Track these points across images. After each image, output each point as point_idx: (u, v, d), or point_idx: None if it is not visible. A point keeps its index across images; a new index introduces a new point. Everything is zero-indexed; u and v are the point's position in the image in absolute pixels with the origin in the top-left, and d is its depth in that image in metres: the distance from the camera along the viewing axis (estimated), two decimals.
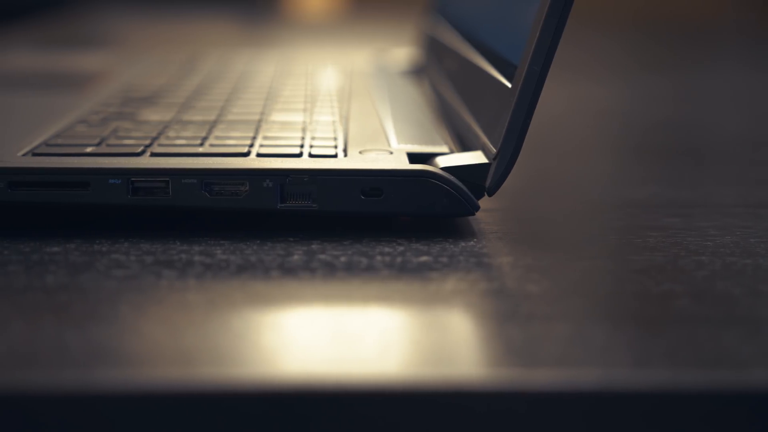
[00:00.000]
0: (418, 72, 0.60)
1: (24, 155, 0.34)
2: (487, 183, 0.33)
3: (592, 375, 0.23)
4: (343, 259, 0.31)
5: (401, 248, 0.32)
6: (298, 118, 0.42)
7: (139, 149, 0.35)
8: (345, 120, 0.42)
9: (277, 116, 0.42)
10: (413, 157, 0.35)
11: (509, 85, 0.34)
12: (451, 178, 0.33)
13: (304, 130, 0.39)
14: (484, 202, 0.34)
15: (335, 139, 0.38)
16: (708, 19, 1.47)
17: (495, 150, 0.33)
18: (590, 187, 0.43)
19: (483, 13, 0.48)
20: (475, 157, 0.34)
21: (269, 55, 0.67)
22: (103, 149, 0.35)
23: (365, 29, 1.23)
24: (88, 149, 0.35)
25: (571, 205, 0.40)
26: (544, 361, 0.24)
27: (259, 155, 0.34)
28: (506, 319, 0.26)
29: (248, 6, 1.50)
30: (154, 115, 0.42)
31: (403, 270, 0.30)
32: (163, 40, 1.04)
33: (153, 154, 0.34)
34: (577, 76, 0.78)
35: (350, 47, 0.91)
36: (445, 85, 0.49)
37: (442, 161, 0.34)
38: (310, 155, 0.35)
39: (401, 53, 0.66)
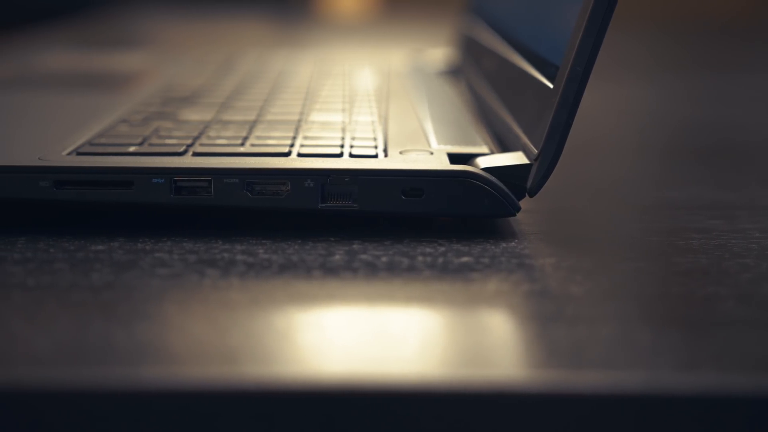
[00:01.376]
0: (454, 72, 0.60)
1: (68, 154, 0.34)
2: (529, 184, 0.33)
3: (638, 378, 0.23)
4: (384, 259, 0.31)
5: (442, 249, 0.32)
6: (337, 118, 0.42)
7: (182, 149, 0.35)
8: (384, 120, 0.42)
9: (316, 116, 0.43)
10: (453, 158, 0.35)
11: (551, 85, 0.34)
12: (492, 178, 0.33)
13: (343, 130, 0.39)
14: (523, 203, 0.34)
15: (375, 139, 0.38)
16: (739, 18, 1.46)
17: (536, 151, 0.33)
18: (630, 188, 0.43)
19: (522, 13, 0.48)
20: (516, 158, 0.34)
21: (305, 55, 0.67)
22: (145, 149, 0.35)
23: (398, 30, 1.23)
24: (131, 149, 0.35)
25: (611, 206, 0.39)
26: (590, 363, 0.23)
27: (300, 155, 0.35)
28: (550, 320, 0.26)
29: (281, 6, 1.50)
30: (194, 115, 0.42)
31: (445, 270, 0.30)
32: (198, 40, 1.05)
33: (195, 154, 0.35)
34: (611, 75, 0.78)
35: (385, 48, 0.91)
36: (483, 85, 0.49)
37: (483, 162, 0.34)
38: (351, 155, 0.35)
39: (437, 53, 0.66)
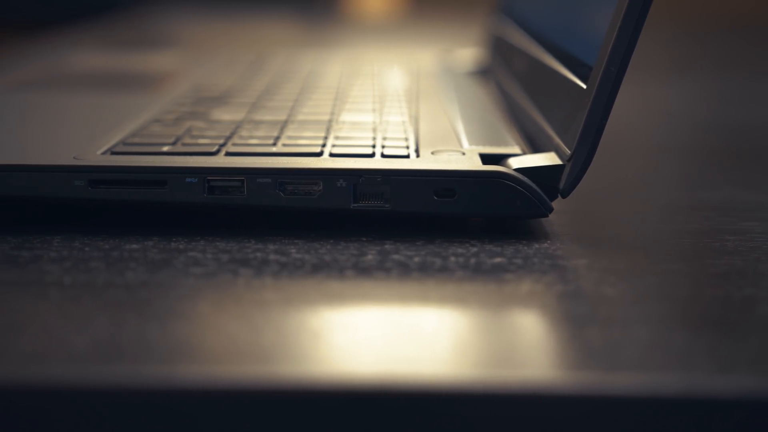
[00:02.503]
0: (483, 72, 0.60)
1: (103, 154, 0.35)
2: (561, 185, 0.33)
3: (674, 380, 0.22)
4: (416, 259, 0.31)
5: (474, 249, 0.32)
6: (368, 118, 0.42)
7: (214, 148, 0.35)
8: (414, 120, 0.42)
9: (347, 116, 0.43)
10: (485, 158, 0.35)
11: (584, 86, 0.34)
12: (525, 179, 0.33)
13: (374, 130, 0.39)
14: (555, 204, 0.34)
15: (406, 139, 0.38)
16: (763, 16, 1.44)
17: (569, 151, 0.33)
18: (663, 189, 0.42)
19: (553, 13, 0.48)
20: (549, 159, 0.34)
21: (334, 55, 0.67)
22: (178, 148, 0.35)
23: (424, 30, 1.23)
24: (165, 148, 0.35)
25: (643, 207, 0.39)
26: (625, 365, 0.23)
27: (332, 155, 0.35)
28: (584, 322, 0.26)
29: (307, 6, 1.51)
30: (225, 115, 0.43)
31: (478, 271, 0.30)
32: (225, 40, 1.05)
33: (228, 154, 0.35)
34: (644, 75, 0.77)
35: (412, 48, 0.91)
36: (513, 85, 0.48)
37: (515, 162, 0.34)
38: (383, 155, 0.35)
39: (466, 54, 0.65)
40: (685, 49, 1.04)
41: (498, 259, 0.31)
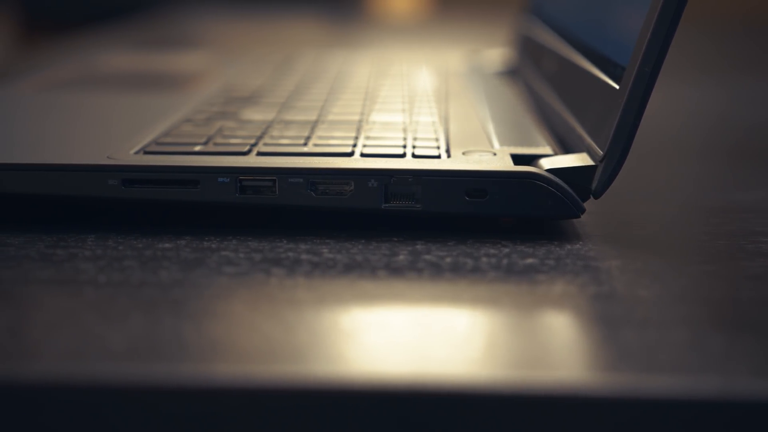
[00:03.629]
0: (512, 73, 0.60)
1: (136, 153, 0.35)
2: (594, 185, 0.33)
3: (712, 383, 0.22)
4: (448, 259, 0.31)
5: (506, 250, 0.32)
6: (397, 118, 0.42)
7: (246, 148, 0.35)
8: (444, 120, 0.42)
9: (377, 116, 0.43)
10: (516, 159, 0.35)
11: (616, 86, 0.33)
12: (557, 180, 0.33)
13: (404, 130, 0.39)
14: (585, 204, 0.34)
15: (437, 140, 0.38)
16: None
17: (602, 152, 0.33)
18: (694, 190, 0.42)
19: (584, 13, 0.48)
20: (581, 159, 0.34)
21: (362, 55, 0.67)
22: (210, 148, 0.36)
23: (450, 30, 1.22)
24: (197, 148, 0.36)
25: (675, 208, 0.39)
26: (662, 367, 0.23)
27: (363, 155, 0.35)
28: (619, 324, 0.26)
29: (332, 6, 1.51)
30: (256, 115, 0.43)
31: (510, 272, 0.30)
32: (252, 40, 1.06)
33: (259, 153, 0.35)
34: (672, 75, 0.77)
35: (439, 48, 0.91)
36: (542, 85, 0.48)
37: (547, 163, 0.34)
38: (414, 156, 0.35)
39: (494, 54, 0.65)
40: (703, 49, 1.03)
41: (530, 260, 0.31)
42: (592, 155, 0.34)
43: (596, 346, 0.25)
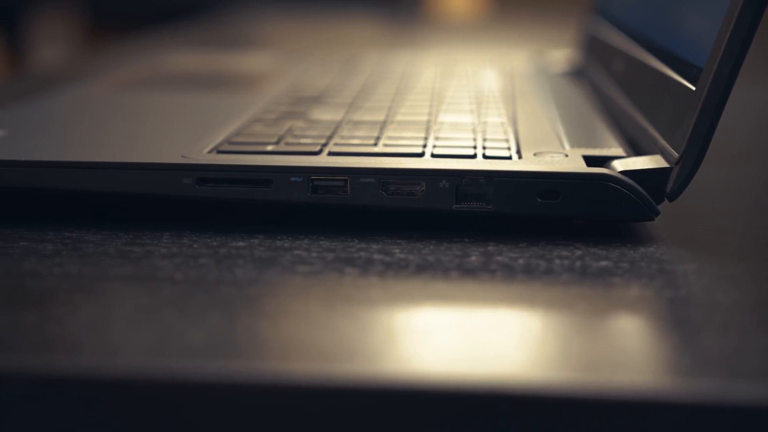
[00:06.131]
0: (577, 73, 0.59)
1: (209, 152, 0.35)
2: (669, 188, 0.33)
3: None
4: (521, 261, 0.31)
5: (579, 252, 0.31)
6: (466, 119, 0.42)
7: (317, 148, 0.36)
8: (513, 121, 0.42)
9: (445, 117, 0.43)
10: (588, 160, 0.34)
11: (692, 87, 0.33)
12: (631, 182, 0.32)
13: (474, 131, 0.39)
14: (660, 207, 0.33)
15: (507, 140, 0.37)
16: None
17: (677, 154, 0.32)
18: (767, 192, 0.41)
19: (655, 14, 0.47)
20: (655, 161, 0.33)
21: (425, 56, 0.67)
22: (282, 147, 0.36)
23: (510, 30, 1.22)
24: (269, 147, 0.36)
25: (748, 210, 0.38)
26: (745, 373, 0.23)
27: (433, 156, 0.35)
28: (699, 328, 0.25)
29: (391, 6, 1.51)
30: (325, 115, 0.43)
31: (584, 275, 0.29)
32: (314, 41, 1.06)
33: (330, 153, 0.35)
34: (743, 74, 0.75)
35: (500, 48, 0.90)
36: (611, 86, 0.48)
37: (620, 165, 0.34)
38: (485, 156, 0.35)
39: (559, 54, 0.65)
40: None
41: (604, 263, 0.30)
42: (666, 157, 0.33)
43: (676, 351, 0.25)
